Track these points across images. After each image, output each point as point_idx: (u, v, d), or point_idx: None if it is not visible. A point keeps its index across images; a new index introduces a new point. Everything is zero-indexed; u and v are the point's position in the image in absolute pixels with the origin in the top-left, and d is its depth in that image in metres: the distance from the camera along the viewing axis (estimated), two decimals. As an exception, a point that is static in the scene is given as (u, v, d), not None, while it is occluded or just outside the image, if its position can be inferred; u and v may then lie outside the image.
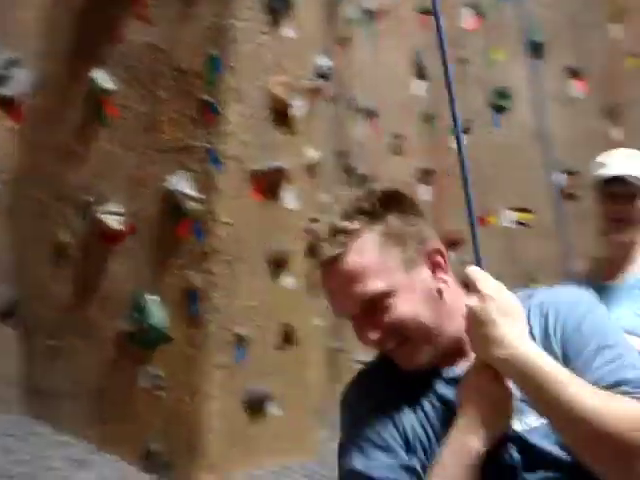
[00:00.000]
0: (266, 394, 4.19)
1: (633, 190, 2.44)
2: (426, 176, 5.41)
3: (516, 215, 5.35)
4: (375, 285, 1.35)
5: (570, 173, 4.85)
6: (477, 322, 1.31)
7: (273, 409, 4.24)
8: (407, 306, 1.37)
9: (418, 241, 1.42)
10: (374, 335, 1.38)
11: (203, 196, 3.92)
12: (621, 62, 5.25)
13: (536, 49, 5.39)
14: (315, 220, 4.21)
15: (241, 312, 4.06)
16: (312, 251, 4.07)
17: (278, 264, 4.10)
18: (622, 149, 2.60)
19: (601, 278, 2.59)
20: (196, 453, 4.03)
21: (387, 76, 5.33)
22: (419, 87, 5.38)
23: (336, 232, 1.38)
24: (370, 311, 1.37)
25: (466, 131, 5.38)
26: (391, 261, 1.38)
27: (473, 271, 1.38)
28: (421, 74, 5.37)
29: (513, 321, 1.30)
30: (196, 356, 4.01)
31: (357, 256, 1.36)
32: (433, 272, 1.42)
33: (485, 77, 5.34)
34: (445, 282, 1.42)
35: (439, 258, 1.43)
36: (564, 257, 2.28)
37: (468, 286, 1.36)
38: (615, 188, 2.46)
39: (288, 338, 4.20)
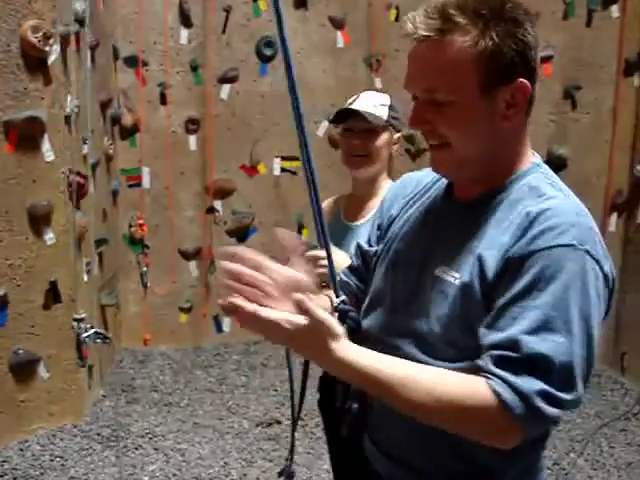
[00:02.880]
0: (34, 356, 4.02)
1: (371, 127, 2.44)
2: (193, 126, 5.34)
3: (281, 163, 5.44)
4: (436, 86, 1.33)
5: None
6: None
7: (42, 371, 4.08)
8: (458, 123, 1.35)
9: (507, 72, 1.33)
10: (417, 120, 1.39)
11: (-50, 149, 3.65)
12: (383, 14, 5.43)
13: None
14: (76, 172, 4.05)
15: (1, 272, 3.85)
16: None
17: (39, 219, 3.90)
18: (372, 91, 2.59)
19: (345, 217, 2.60)
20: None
21: (152, 24, 5.19)
22: (184, 35, 5.29)
23: (438, 12, 1.32)
24: (428, 102, 1.36)
25: (233, 80, 5.37)
26: (469, 77, 1.32)
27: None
28: (187, 23, 5.27)
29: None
30: (-47, 321, 3.78)
31: (442, 50, 1.31)
32: (507, 108, 1.36)
33: (251, 26, 5.33)
34: (510, 121, 1.38)
35: (520, 97, 1.36)
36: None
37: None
38: (352, 123, 2.45)
39: (54, 296, 4.03)
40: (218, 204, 5.46)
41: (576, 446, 4.21)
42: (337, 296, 1.62)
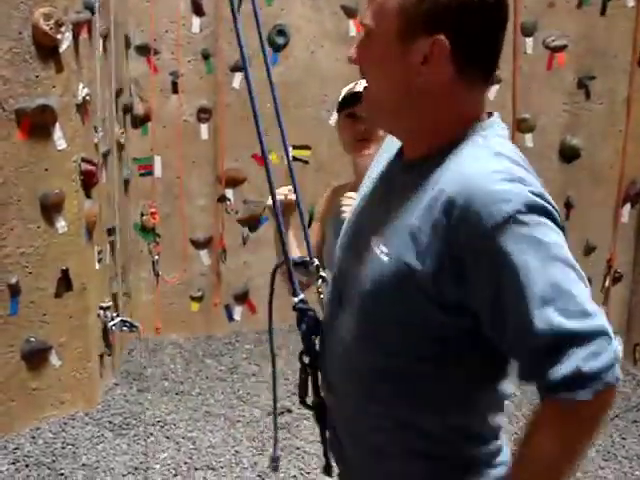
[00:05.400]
0: (46, 344, 4.04)
1: None
2: (205, 114, 5.33)
3: (293, 152, 5.43)
4: (368, 19, 1.35)
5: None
6: None
7: (54, 359, 4.10)
8: (371, 55, 1.37)
9: (433, 24, 1.27)
10: (348, 52, 1.43)
11: (-38, 138, 3.66)
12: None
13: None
14: (87, 161, 4.05)
15: (12, 260, 3.85)
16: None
17: (50, 207, 3.91)
18: None
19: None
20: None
21: (163, 12, 5.17)
22: (196, 24, 5.27)
23: None
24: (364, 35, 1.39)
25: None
26: (392, 11, 1.29)
27: None
28: (199, 11, 5.26)
29: None
30: (-35, 309, 3.79)
31: None
32: (422, 63, 1.30)
33: (263, 14, 5.30)
34: (423, 77, 1.31)
35: (436, 55, 1.28)
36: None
37: None
38: (357, 108, 2.30)
39: (67, 284, 4.04)
40: (229, 193, 5.45)
41: (587, 437, 4.19)
42: (296, 295, 1.61)
